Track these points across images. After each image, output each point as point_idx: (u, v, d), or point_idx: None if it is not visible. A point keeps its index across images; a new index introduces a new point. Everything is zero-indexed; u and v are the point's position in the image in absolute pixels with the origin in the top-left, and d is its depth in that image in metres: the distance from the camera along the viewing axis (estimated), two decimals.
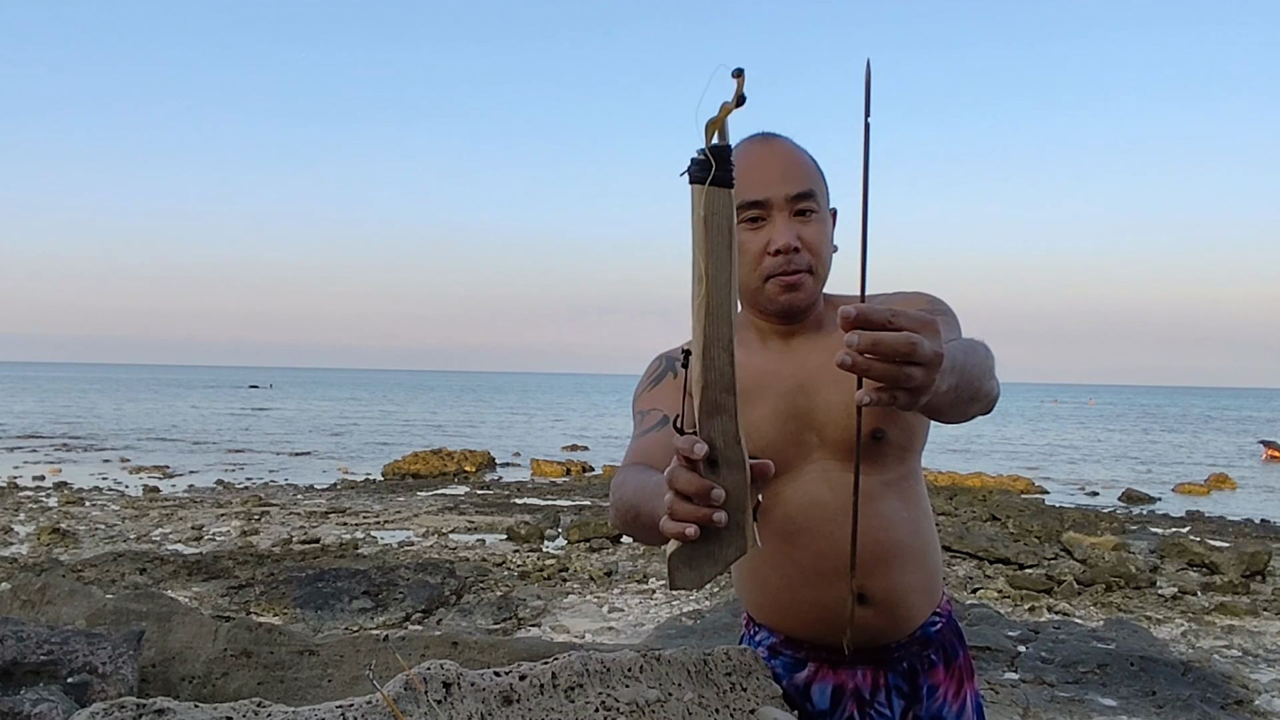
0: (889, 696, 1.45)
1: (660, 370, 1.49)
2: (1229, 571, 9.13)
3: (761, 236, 1.35)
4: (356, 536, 11.13)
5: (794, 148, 1.40)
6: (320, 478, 18.42)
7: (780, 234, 1.34)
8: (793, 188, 1.35)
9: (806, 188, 1.36)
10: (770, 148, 1.39)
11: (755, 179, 1.34)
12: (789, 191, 1.34)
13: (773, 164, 1.36)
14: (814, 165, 1.41)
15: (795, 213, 1.35)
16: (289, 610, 7.28)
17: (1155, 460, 27.03)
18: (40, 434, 28.01)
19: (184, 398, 59.19)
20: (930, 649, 1.47)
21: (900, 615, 1.43)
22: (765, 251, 1.35)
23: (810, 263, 1.36)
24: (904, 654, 1.45)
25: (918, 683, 1.45)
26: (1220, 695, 5.19)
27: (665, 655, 1.43)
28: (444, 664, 1.24)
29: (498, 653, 2.19)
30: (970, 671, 1.52)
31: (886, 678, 1.45)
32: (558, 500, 15.17)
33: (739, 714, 1.42)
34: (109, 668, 2.15)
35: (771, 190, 1.34)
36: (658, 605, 7.76)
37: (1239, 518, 14.74)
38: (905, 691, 1.45)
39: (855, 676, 1.46)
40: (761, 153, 1.38)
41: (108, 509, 13.15)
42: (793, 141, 1.42)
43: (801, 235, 1.35)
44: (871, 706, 1.44)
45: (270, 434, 30.52)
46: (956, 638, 1.52)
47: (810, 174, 1.38)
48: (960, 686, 1.49)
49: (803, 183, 1.36)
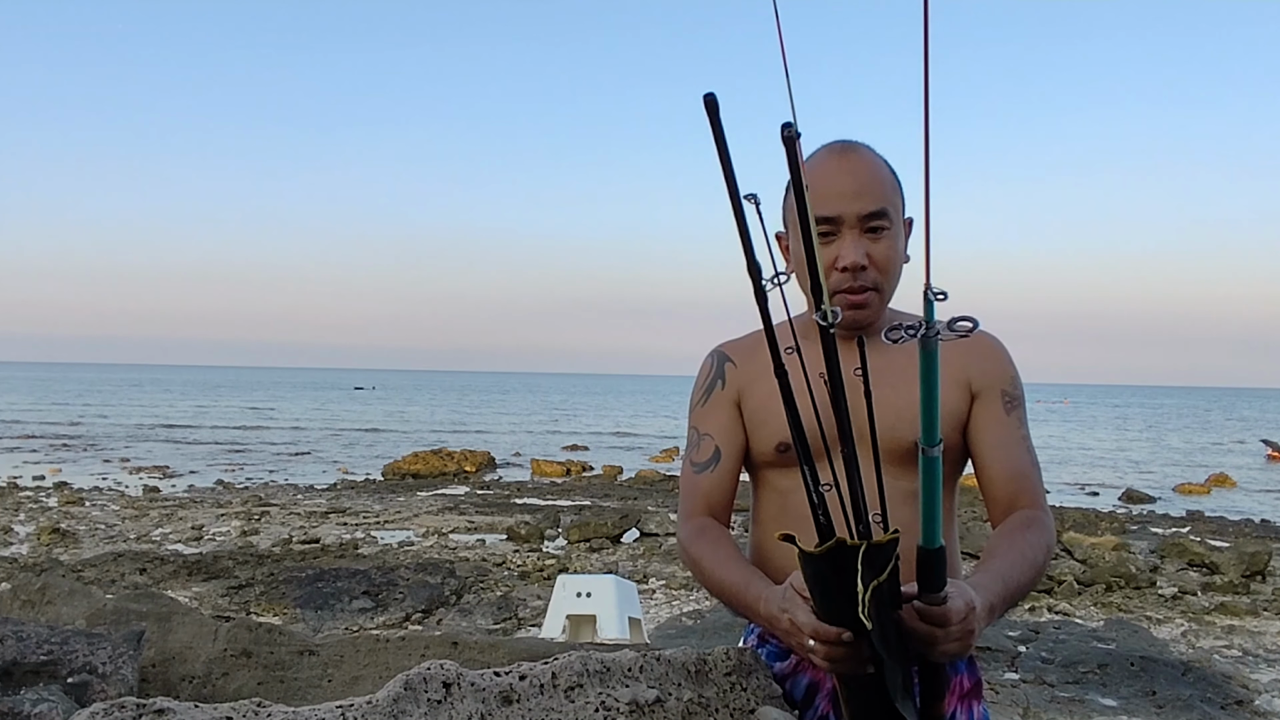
0: None
1: (711, 378, 1.50)
2: (1229, 571, 9.13)
3: (830, 251, 1.35)
4: (356, 536, 11.13)
5: (872, 160, 1.38)
6: (320, 478, 18.44)
7: (848, 251, 1.34)
8: (865, 206, 1.34)
9: (879, 206, 1.35)
10: (847, 161, 1.37)
11: (828, 193, 1.34)
12: (861, 210, 1.34)
13: (847, 179, 1.35)
14: (891, 178, 1.39)
15: (866, 230, 1.35)
16: (289, 610, 7.28)
17: (1155, 460, 27.04)
18: (38, 434, 28.03)
19: (297, 400, 59.22)
20: None
21: None
22: (833, 266, 1.35)
23: (877, 280, 1.36)
24: None
25: None
26: (1220, 695, 5.19)
27: (665, 655, 1.43)
28: (444, 664, 1.24)
29: (498, 653, 2.19)
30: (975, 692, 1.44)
31: None
32: (558, 500, 15.18)
33: (739, 714, 1.42)
34: (109, 668, 2.15)
35: (843, 206, 1.34)
36: (657, 605, 7.76)
37: (1239, 518, 14.75)
38: None
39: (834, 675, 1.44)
40: (838, 166, 1.36)
41: (108, 509, 13.15)
42: (872, 151, 1.40)
43: (871, 253, 1.35)
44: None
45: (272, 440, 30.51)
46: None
47: (885, 190, 1.37)
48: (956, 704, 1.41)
49: (876, 201, 1.35)
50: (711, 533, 1.43)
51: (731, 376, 1.48)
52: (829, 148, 1.40)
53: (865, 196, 1.34)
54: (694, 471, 1.49)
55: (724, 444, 1.46)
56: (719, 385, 1.49)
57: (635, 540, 10.98)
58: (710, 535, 1.43)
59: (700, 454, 1.48)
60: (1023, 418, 1.44)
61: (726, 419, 1.47)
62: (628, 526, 11.29)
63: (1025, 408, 1.45)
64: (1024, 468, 1.39)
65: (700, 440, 1.49)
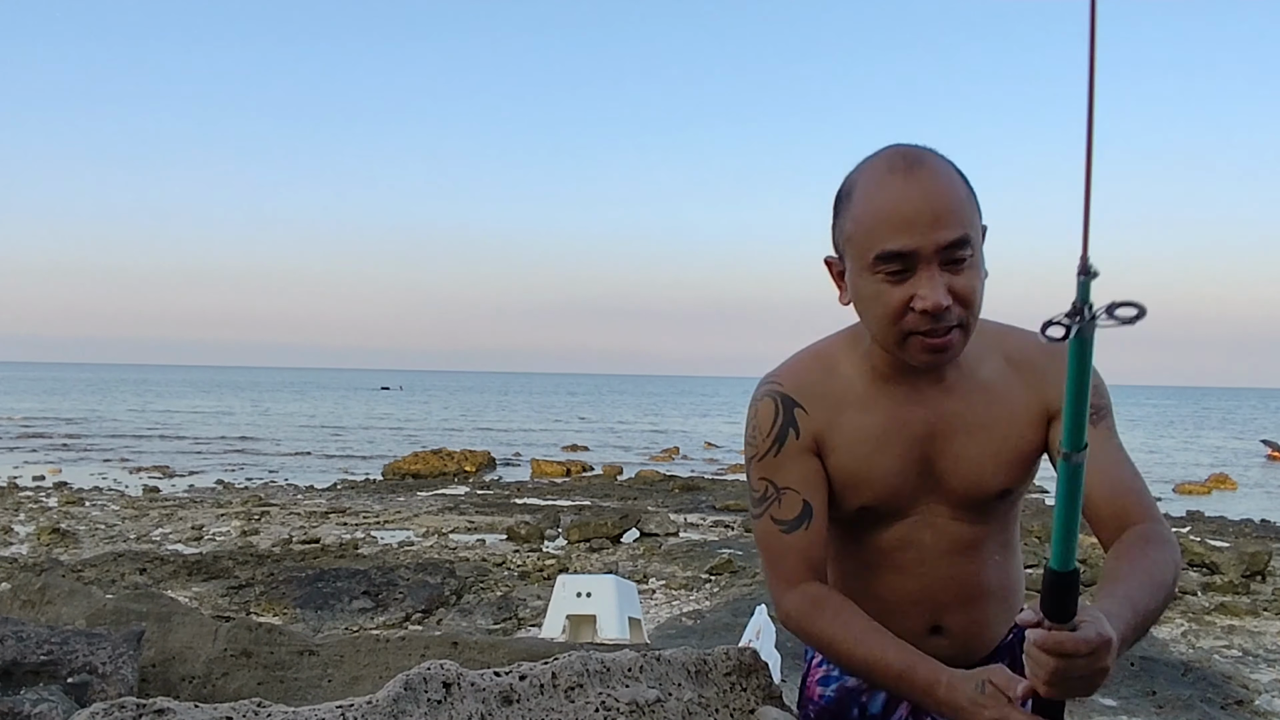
0: None
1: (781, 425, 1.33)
2: (1229, 571, 9.13)
3: (905, 290, 1.16)
4: (356, 536, 11.13)
5: (946, 174, 1.17)
6: (320, 478, 18.43)
7: (929, 291, 1.14)
8: (945, 234, 1.14)
9: (961, 233, 1.15)
10: (917, 181, 1.15)
11: (898, 222, 1.14)
12: (940, 240, 1.14)
13: (921, 204, 1.14)
14: (968, 192, 1.19)
15: (946, 262, 1.15)
16: (289, 610, 7.29)
17: (1155, 460, 27.03)
18: (38, 434, 28.04)
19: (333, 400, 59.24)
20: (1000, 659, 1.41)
21: (974, 646, 1.40)
22: (908, 306, 1.16)
23: (962, 317, 1.17)
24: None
25: None
26: (1220, 695, 5.20)
27: (665, 655, 1.43)
28: (444, 664, 1.24)
29: (498, 653, 2.19)
30: None
31: None
32: (558, 500, 15.18)
33: (738, 714, 1.42)
34: (109, 668, 2.15)
35: (919, 239, 1.14)
36: (658, 605, 7.76)
37: (1239, 518, 14.74)
38: None
39: None
40: (905, 187, 1.15)
41: (108, 509, 13.15)
42: (943, 160, 1.19)
43: (953, 288, 1.15)
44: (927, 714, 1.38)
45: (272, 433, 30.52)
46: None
47: (964, 211, 1.16)
48: None
49: (957, 227, 1.14)
50: (833, 603, 1.28)
51: (805, 424, 1.32)
52: (890, 162, 1.18)
53: (944, 223, 1.14)
54: (782, 531, 1.31)
55: (812, 498, 1.31)
56: (793, 434, 1.32)
57: (635, 540, 10.98)
58: (833, 605, 1.28)
59: (785, 511, 1.31)
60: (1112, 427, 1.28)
61: (809, 471, 1.31)
62: (628, 526, 11.29)
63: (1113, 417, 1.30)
64: (1127, 479, 1.24)
65: (782, 495, 1.31)
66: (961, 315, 1.17)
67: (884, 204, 1.16)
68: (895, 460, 1.30)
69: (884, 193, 1.16)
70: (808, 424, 1.32)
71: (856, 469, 1.30)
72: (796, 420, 1.31)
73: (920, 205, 1.14)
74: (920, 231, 1.14)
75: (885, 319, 1.19)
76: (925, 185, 1.15)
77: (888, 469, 1.30)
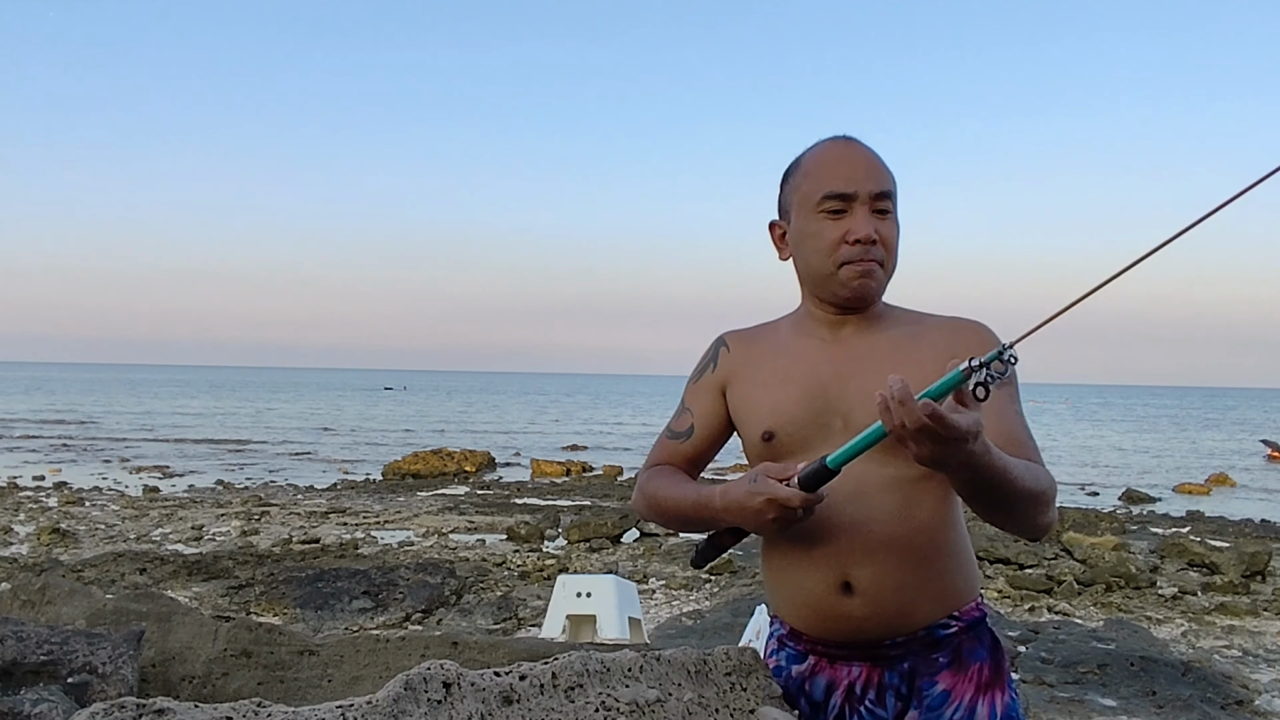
0: (882, 695, 1.42)
1: (707, 360, 1.61)
2: (1229, 571, 9.13)
3: (841, 226, 1.43)
4: (356, 536, 11.13)
5: (874, 150, 1.49)
6: (320, 478, 18.44)
7: (860, 225, 1.41)
8: (876, 185, 1.43)
9: (889, 187, 1.45)
10: (856, 146, 1.47)
11: (842, 173, 1.43)
12: (873, 189, 1.42)
13: (858, 161, 1.45)
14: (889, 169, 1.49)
15: (875, 210, 1.43)
16: (289, 610, 7.29)
17: (1155, 460, 27.03)
18: (38, 434, 28.03)
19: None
20: (938, 651, 1.42)
21: (889, 610, 1.40)
22: (843, 240, 1.42)
23: (883, 257, 1.44)
24: (904, 653, 1.42)
25: (916, 684, 1.42)
26: (1220, 695, 5.19)
27: (665, 655, 1.43)
28: (444, 664, 1.24)
29: (498, 653, 2.19)
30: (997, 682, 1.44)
31: (884, 676, 1.43)
32: (558, 500, 15.18)
33: (738, 714, 1.42)
34: (109, 668, 2.15)
35: (857, 185, 1.42)
36: (657, 605, 7.76)
37: (1239, 518, 14.75)
38: (903, 693, 1.42)
39: (850, 672, 1.45)
40: (847, 149, 1.47)
41: (108, 509, 13.15)
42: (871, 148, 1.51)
43: (879, 230, 1.42)
44: (862, 703, 1.43)
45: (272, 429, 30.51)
46: (980, 645, 1.45)
47: (890, 175, 1.47)
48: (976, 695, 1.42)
49: (885, 183, 1.45)
50: (665, 470, 1.57)
51: (724, 362, 1.58)
52: (833, 138, 1.50)
53: (875, 177, 1.43)
54: (667, 437, 1.62)
55: (700, 422, 1.58)
56: (711, 368, 1.59)
57: (635, 540, 10.98)
58: (663, 472, 1.57)
59: (678, 424, 1.61)
60: (1014, 394, 1.43)
61: (710, 401, 1.58)
62: (628, 526, 11.29)
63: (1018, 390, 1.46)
64: (1018, 434, 1.38)
65: (682, 412, 1.61)
66: (882, 255, 1.43)
67: (830, 159, 1.46)
68: (795, 389, 1.47)
69: (830, 153, 1.47)
70: (727, 360, 1.58)
71: (760, 396, 1.50)
72: (719, 357, 1.58)
73: (858, 161, 1.44)
74: (858, 180, 1.42)
75: (823, 251, 1.44)
76: (862, 150, 1.47)
77: (786, 395, 1.47)
